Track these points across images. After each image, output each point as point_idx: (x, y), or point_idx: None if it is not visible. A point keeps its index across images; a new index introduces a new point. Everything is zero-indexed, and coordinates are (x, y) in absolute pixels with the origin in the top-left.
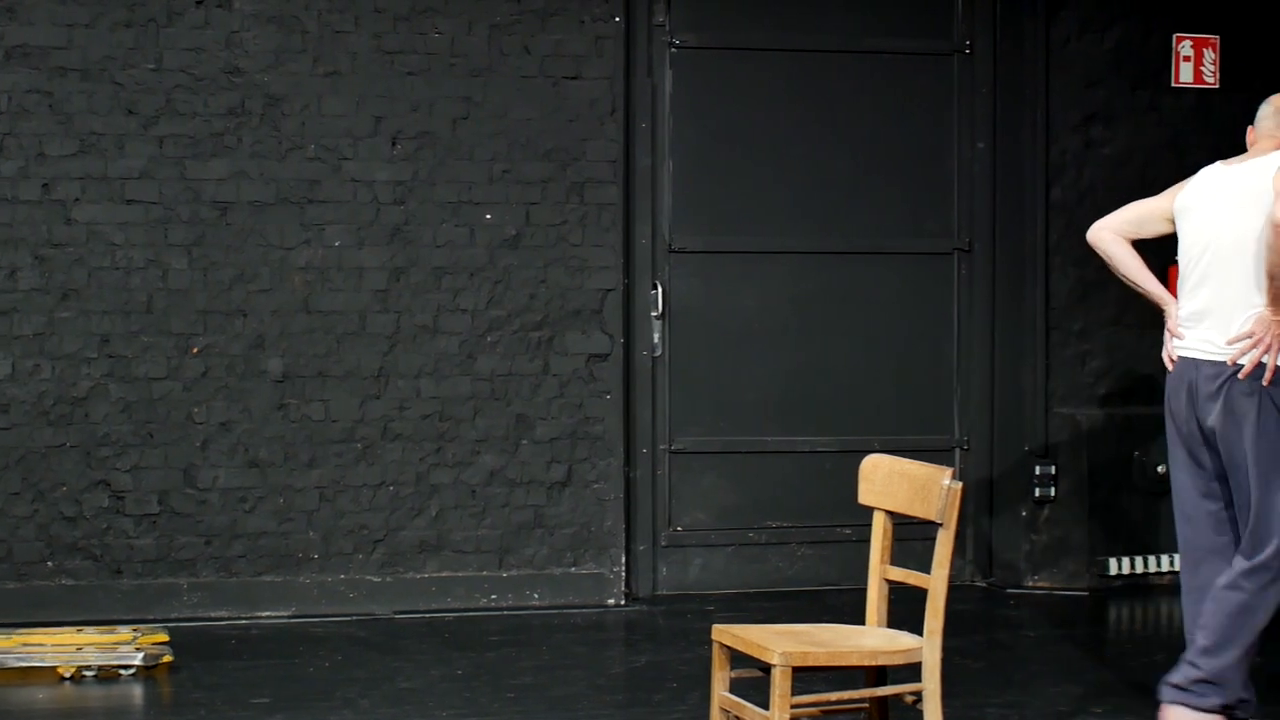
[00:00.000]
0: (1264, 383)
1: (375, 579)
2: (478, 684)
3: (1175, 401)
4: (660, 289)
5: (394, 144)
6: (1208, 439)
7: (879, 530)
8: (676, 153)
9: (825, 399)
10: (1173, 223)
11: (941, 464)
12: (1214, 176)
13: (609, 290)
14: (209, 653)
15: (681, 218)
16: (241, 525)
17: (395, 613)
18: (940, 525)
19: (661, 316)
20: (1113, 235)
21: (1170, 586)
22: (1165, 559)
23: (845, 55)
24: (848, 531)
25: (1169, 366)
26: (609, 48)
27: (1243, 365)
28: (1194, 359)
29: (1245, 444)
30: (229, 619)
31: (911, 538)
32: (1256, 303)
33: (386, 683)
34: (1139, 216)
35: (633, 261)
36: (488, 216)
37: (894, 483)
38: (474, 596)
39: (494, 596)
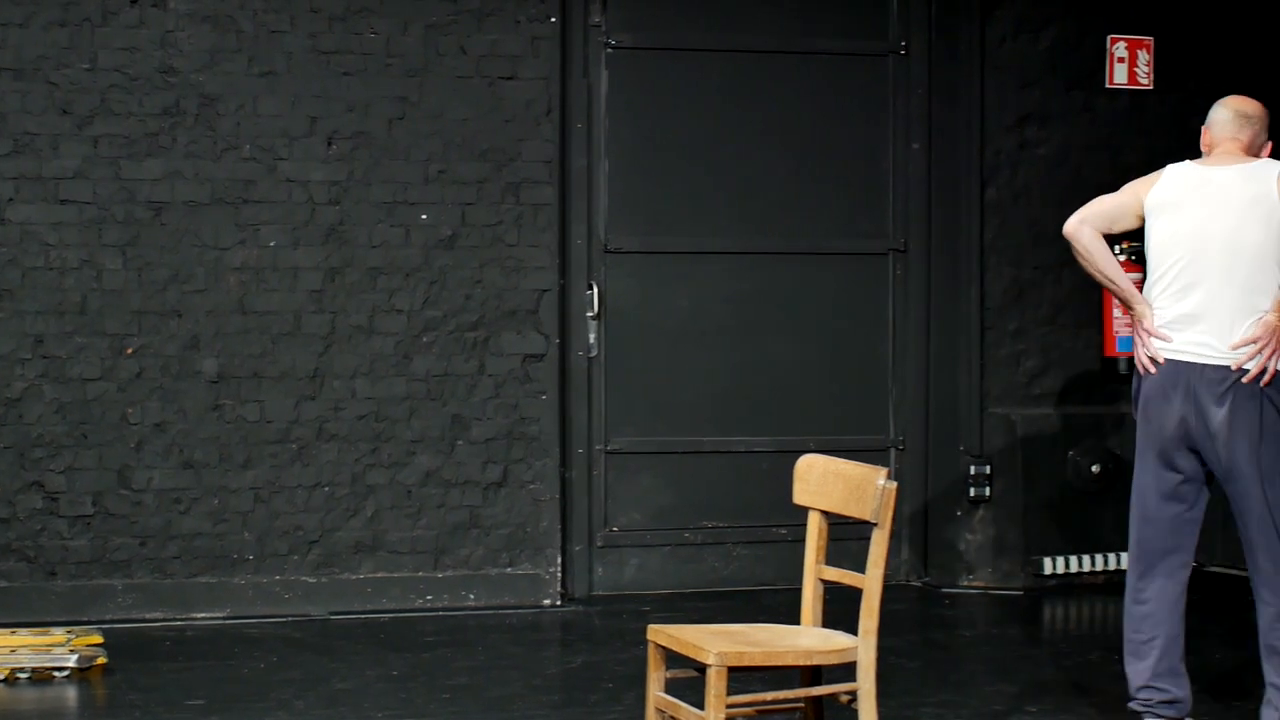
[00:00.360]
0: (1263, 384)
1: (310, 580)
2: (413, 685)
3: (1159, 403)
4: (596, 289)
5: (329, 144)
6: (1190, 442)
7: (814, 530)
8: (612, 153)
9: (761, 399)
10: (1142, 219)
11: (877, 464)
12: (1192, 176)
13: (545, 291)
14: (144, 654)
15: (617, 218)
16: (176, 526)
17: (331, 614)
18: (875, 525)
19: (597, 317)
20: (1093, 230)
21: (1105, 585)
22: (1100, 558)
23: (781, 56)
24: (783, 531)
25: (1149, 368)
26: (545, 48)
27: (1248, 370)
28: (1191, 362)
29: (1248, 447)
30: (164, 620)
31: (847, 537)
32: (1260, 307)
33: (322, 684)
34: (1111, 213)
35: (568, 262)
36: (423, 217)
37: (829, 483)
38: (409, 597)
39: (429, 597)
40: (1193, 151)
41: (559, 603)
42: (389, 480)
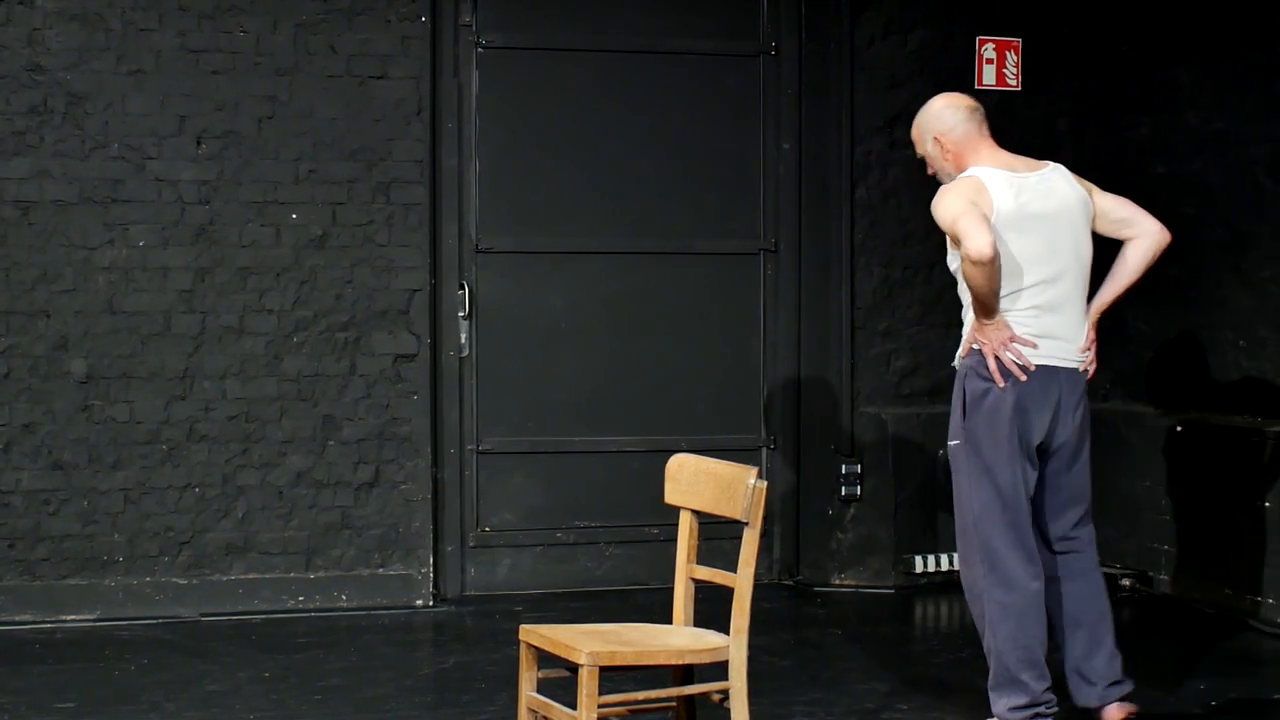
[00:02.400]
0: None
1: (181, 581)
2: (285, 686)
3: (1031, 410)
4: (467, 289)
5: (199, 143)
6: (1047, 444)
7: (685, 530)
8: (483, 153)
9: (633, 399)
10: None
11: (748, 463)
12: (1026, 184)
13: (416, 290)
14: (13, 657)
15: (488, 218)
16: (45, 528)
17: (202, 615)
18: (746, 524)
19: (468, 317)
20: None
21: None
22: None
23: (651, 56)
24: (655, 531)
25: (1020, 376)
26: (415, 47)
27: (1086, 372)
28: (1058, 368)
29: (1088, 446)
30: (33, 623)
31: (719, 536)
32: (1085, 307)
33: (194, 685)
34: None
35: (439, 262)
36: (294, 216)
37: (700, 482)
38: (281, 598)
39: (301, 598)
40: (1060, 152)
41: (431, 603)
42: (260, 481)
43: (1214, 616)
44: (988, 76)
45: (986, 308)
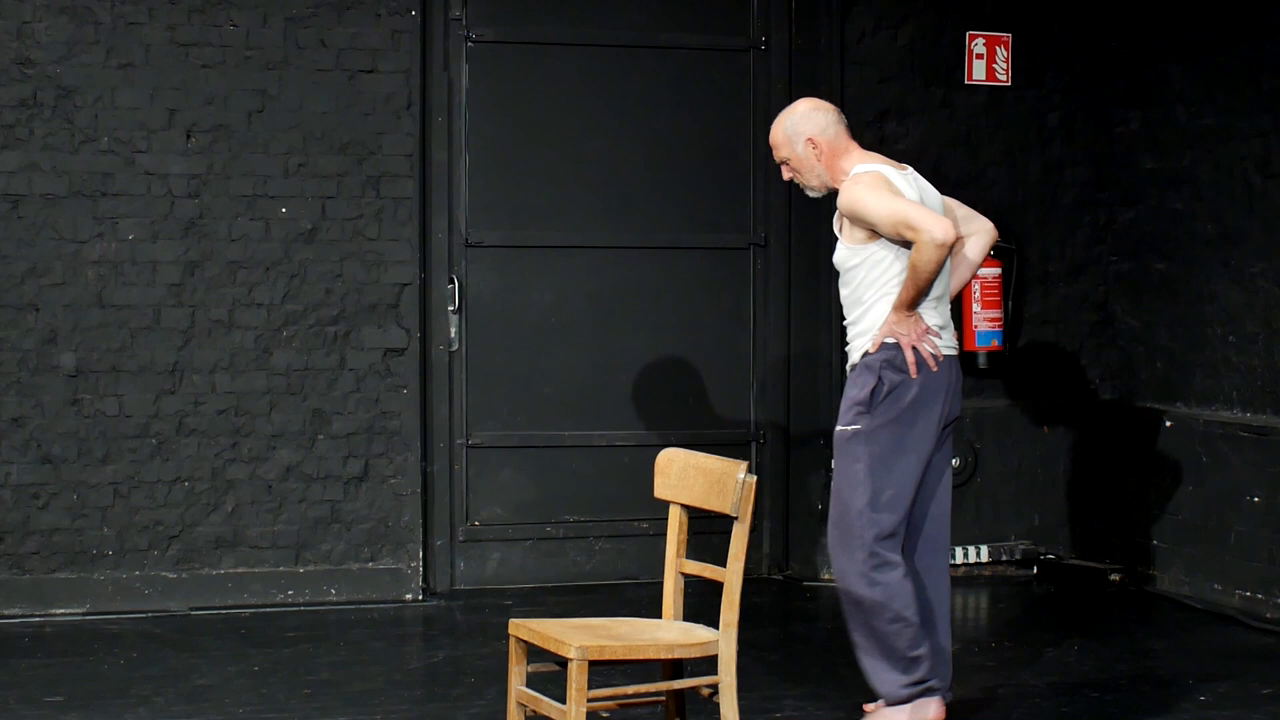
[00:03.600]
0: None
1: (170, 575)
2: (274, 680)
3: (937, 398)
4: (457, 283)
5: (188, 137)
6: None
7: (675, 524)
8: (473, 147)
9: (622, 393)
10: None
11: (738, 457)
12: (907, 178)
13: (405, 285)
14: (1, 651)
15: (478, 212)
16: (34, 522)
17: (191, 609)
18: (736, 519)
19: (458, 311)
20: None
21: (965, 578)
22: (960, 552)
23: (642, 50)
24: (645, 525)
25: (932, 365)
26: (405, 41)
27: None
28: (952, 357)
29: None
30: (22, 617)
31: (708, 531)
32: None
33: (182, 680)
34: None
35: (429, 256)
36: (283, 210)
37: (689, 477)
38: (270, 592)
39: (291, 592)
40: (1050, 147)
41: (421, 597)
42: (249, 475)
43: (1203, 611)
44: (978, 71)
45: (918, 298)
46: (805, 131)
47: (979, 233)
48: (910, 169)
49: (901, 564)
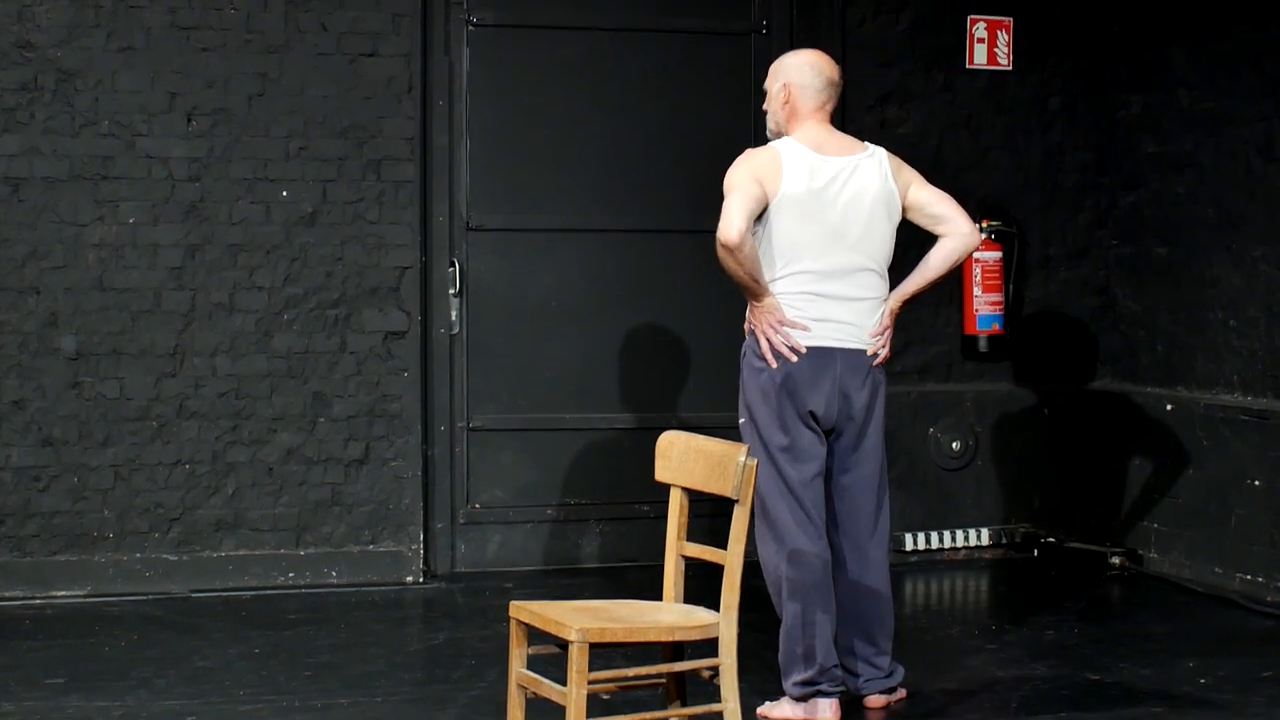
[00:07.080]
0: (877, 364)
1: (171, 558)
2: (275, 662)
3: (802, 390)
4: (457, 266)
5: (189, 120)
6: (828, 424)
7: (675, 507)
8: (474, 131)
9: (623, 376)
10: (765, 207)
11: (739, 441)
12: (815, 166)
13: (406, 268)
14: (2, 633)
15: (479, 196)
16: (35, 504)
17: (192, 591)
18: (736, 502)
19: (459, 294)
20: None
21: (966, 562)
22: (961, 535)
23: (642, 34)
24: (645, 508)
25: (790, 357)
26: (406, 25)
27: (877, 355)
28: (833, 349)
29: (876, 421)
30: (23, 599)
31: (709, 514)
32: (883, 296)
33: (183, 662)
34: (755, 211)
35: (430, 239)
36: (284, 194)
37: (690, 460)
38: (271, 575)
39: (291, 575)
40: (1051, 131)
41: (421, 580)
42: (250, 458)
43: (1204, 595)
44: (979, 56)
45: (747, 290)
46: (788, 77)
47: (952, 235)
48: (865, 153)
49: (807, 557)
